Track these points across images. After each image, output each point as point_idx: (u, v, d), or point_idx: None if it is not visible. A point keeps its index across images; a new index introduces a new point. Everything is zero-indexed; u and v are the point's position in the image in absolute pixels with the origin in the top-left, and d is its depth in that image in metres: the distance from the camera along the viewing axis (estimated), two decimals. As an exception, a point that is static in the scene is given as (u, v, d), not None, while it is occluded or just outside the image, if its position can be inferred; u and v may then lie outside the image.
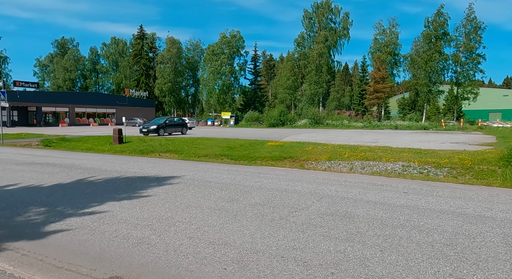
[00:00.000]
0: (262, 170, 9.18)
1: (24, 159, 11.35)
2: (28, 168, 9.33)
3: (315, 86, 53.51)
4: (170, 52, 67.38)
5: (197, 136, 23.23)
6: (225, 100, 65.95)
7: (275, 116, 48.20)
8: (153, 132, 23.53)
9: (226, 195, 5.96)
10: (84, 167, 9.58)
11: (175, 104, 70.03)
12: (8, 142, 19.39)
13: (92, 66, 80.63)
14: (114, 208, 5.37)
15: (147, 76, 70.05)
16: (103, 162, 10.81)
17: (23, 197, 6.15)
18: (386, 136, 24.21)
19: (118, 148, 16.98)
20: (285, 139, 21.20)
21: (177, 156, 14.23)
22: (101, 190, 6.61)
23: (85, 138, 22.39)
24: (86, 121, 50.32)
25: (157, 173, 8.44)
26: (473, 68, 46.57)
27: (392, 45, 52.46)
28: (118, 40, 78.04)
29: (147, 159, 12.39)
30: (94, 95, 56.26)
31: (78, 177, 7.96)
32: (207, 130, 36.11)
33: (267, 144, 16.48)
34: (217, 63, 64.35)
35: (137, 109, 57.31)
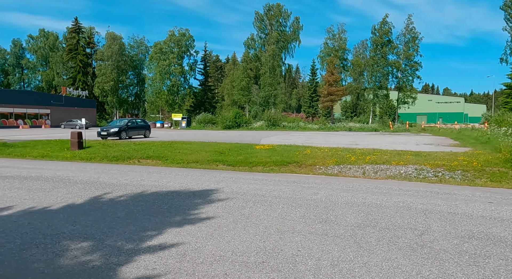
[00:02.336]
0: (293, 178, 8.32)
1: (-22, 172, 8.90)
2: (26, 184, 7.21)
3: (269, 87, 53.74)
4: (111, 49, 62.13)
5: (165, 140, 21.29)
6: (174, 101, 62.96)
7: (230, 118, 47.26)
8: (113, 135, 20.97)
9: (308, 214, 5.00)
10: (74, 180, 7.73)
11: (118, 105, 64.83)
12: None
13: (15, 60, 70.86)
14: (185, 238, 4.11)
15: (84, 74, 63.74)
16: (88, 172, 8.93)
17: (38, 227, 4.48)
18: (358, 138, 24.91)
19: (82, 154, 14.64)
20: (264, 142, 20.49)
21: (162, 163, 12.64)
22: (139, 212, 5.17)
23: (30, 143, 19.06)
24: (14, 123, 43.73)
25: (181, 186, 7.07)
26: (412, 74, 51.04)
27: (341, 50, 55.14)
28: (48, 33, 69.81)
29: (132, 167, 10.67)
30: (23, 93, 49.24)
31: (87, 194, 6.27)
32: (163, 133, 33.71)
33: (256, 147, 15.59)
34: (165, 62, 61.14)
35: (76, 110, 51.62)
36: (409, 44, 50.90)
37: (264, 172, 10.43)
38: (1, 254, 3.72)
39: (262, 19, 59.54)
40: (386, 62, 50.68)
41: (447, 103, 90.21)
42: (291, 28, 60.32)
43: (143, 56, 68.68)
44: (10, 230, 4.43)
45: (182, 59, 63.17)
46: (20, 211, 5.24)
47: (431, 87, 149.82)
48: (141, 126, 23.58)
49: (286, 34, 59.61)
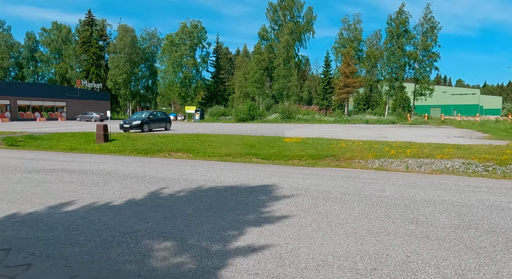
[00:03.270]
0: (343, 173, 7.99)
1: (22, 164, 8.76)
2: (49, 177, 7.03)
3: (283, 79, 53.09)
4: (123, 41, 61.95)
5: (186, 132, 21.07)
6: (186, 94, 62.79)
7: (244, 110, 46.88)
8: (136, 128, 20.82)
9: (392, 213, 4.65)
10: (120, 174, 7.52)
11: (130, 97, 64.92)
12: (-40, 142, 15.62)
13: (29, 53, 71.27)
14: (271, 239, 3.84)
15: (97, 66, 63.80)
16: (129, 166, 8.72)
17: (110, 224, 4.26)
18: (382, 131, 24.40)
19: (111, 147, 14.50)
20: (288, 135, 20.16)
21: (193, 156, 12.41)
22: (206, 209, 4.91)
23: (55, 135, 19.03)
24: (32, 115, 44.10)
25: (234, 181, 6.81)
26: (429, 65, 49.79)
27: (356, 41, 54.04)
28: (61, 25, 69.88)
29: (167, 160, 10.45)
30: (40, 86, 49.52)
31: (142, 189, 6.04)
32: (179, 126, 33.53)
33: (285, 140, 15.26)
34: (177, 54, 60.82)
35: (90, 103, 51.82)
36: (427, 34, 49.56)
37: (302, 166, 10.12)
38: (87, 253, 3.50)
39: (275, 10, 58.55)
40: (403, 53, 49.49)
41: (462, 95, 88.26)
42: (305, 18, 59.27)
43: (155, 48, 68.39)
44: (84, 227, 4.21)
45: (194, 51, 62.76)
46: (84, 206, 5.03)
47: (443, 79, 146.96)
48: (162, 118, 23.41)
49: (300, 25, 58.62)
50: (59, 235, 4.00)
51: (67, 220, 4.50)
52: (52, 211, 4.84)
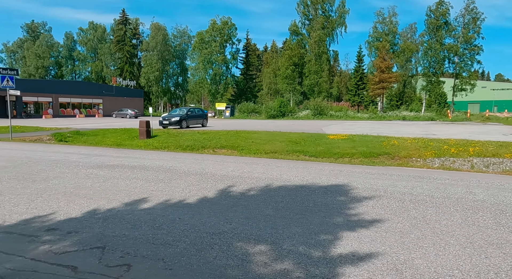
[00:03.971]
0: (412, 173, 7.47)
1: (81, 159, 8.93)
2: (113, 173, 7.06)
3: (314, 75, 52.14)
4: (155, 39, 63.24)
5: (221, 129, 21.07)
6: (216, 91, 63.25)
7: (274, 107, 46.47)
8: (174, 124, 21.07)
9: (504, 221, 4.18)
10: (181, 170, 7.43)
11: (162, 94, 66.28)
12: (16, 137, 16.39)
13: (67, 53, 74.47)
14: (374, 246, 3.50)
15: (131, 64, 65.61)
16: (183, 162, 8.65)
17: (193, 224, 4.09)
18: (426, 128, 23.30)
19: (155, 143, 14.66)
20: (327, 131, 19.65)
21: (237, 153, 12.24)
22: (285, 209, 4.64)
23: (99, 131, 19.61)
24: (71, 112, 46.05)
25: (300, 179, 6.51)
26: (471, 59, 47.04)
27: (391, 34, 52.04)
28: (97, 25, 72.44)
29: (216, 157, 10.30)
30: (79, 84, 51.57)
31: (210, 186, 5.88)
32: (212, 122, 33.70)
33: (329, 137, 14.81)
34: (207, 51, 61.33)
35: (125, 100, 53.38)
36: (468, 26, 46.80)
37: (355, 164, 9.68)
38: (182, 255, 3.33)
39: (306, 4, 57.48)
40: (442, 46, 47.04)
41: (503, 90, 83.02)
42: (337, 12, 57.78)
43: (186, 46, 69.33)
44: (167, 226, 4.07)
45: (224, 48, 63.04)
46: (158, 204, 4.92)
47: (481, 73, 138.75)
48: (199, 115, 23.55)
49: (332, 19, 57.23)
50: (146, 234, 3.87)
51: (148, 218, 4.38)
52: (130, 209, 4.76)
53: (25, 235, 3.90)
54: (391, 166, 8.71)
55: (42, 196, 5.36)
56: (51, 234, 3.90)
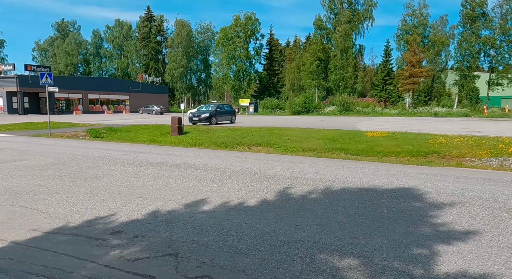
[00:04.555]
0: (479, 175, 6.90)
1: (124, 156, 8.89)
2: (161, 171, 6.90)
3: (340, 71, 50.95)
4: (180, 36, 63.77)
5: (251, 125, 20.80)
6: (240, 87, 63.13)
7: (299, 103, 45.80)
8: (204, 121, 20.99)
9: None
10: (229, 169, 7.19)
11: (186, 91, 66.89)
12: (53, 133, 16.76)
13: (95, 50, 76.46)
14: (483, 265, 3.06)
15: (156, 61, 66.53)
16: (227, 160, 8.42)
17: (263, 230, 3.78)
18: (465, 124, 22.19)
19: (188, 140, 14.52)
20: (361, 128, 19.03)
21: (274, 150, 11.91)
22: (359, 216, 4.27)
23: (131, 127, 19.83)
24: (100, 108, 47.21)
25: (360, 181, 6.10)
26: (509, 51, 44.49)
27: (421, 27, 49.99)
28: (123, 22, 73.87)
29: (257, 155, 10.03)
30: (107, 81, 52.79)
31: (266, 188, 5.59)
32: (239, 118, 33.58)
33: (368, 135, 14.23)
34: (231, 47, 61.20)
35: (150, 96, 54.24)
36: (507, 17, 44.22)
37: (402, 163, 9.14)
38: (263, 267, 3.04)
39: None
40: (478, 39, 44.69)
41: (541, 85, 78.14)
42: (364, 5, 56.10)
43: (209, 42, 69.54)
44: (236, 232, 3.80)
45: (248, 43, 62.70)
46: (218, 206, 4.67)
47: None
48: (228, 111, 23.40)
49: (358, 13, 55.63)
50: (216, 240, 3.62)
51: (212, 222, 4.13)
52: (190, 211, 4.54)
53: (92, 238, 3.74)
54: (449, 167, 8.12)
55: (98, 195, 5.24)
56: (117, 238, 3.72)
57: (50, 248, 3.49)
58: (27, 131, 17.99)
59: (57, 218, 4.33)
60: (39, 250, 3.43)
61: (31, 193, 5.34)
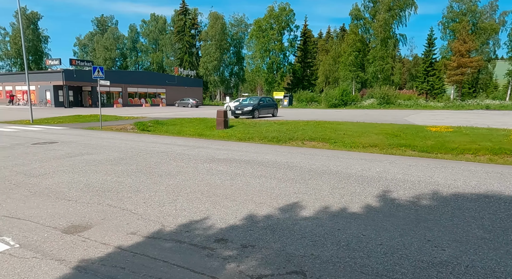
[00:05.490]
0: None
1: (186, 152, 8.66)
2: (233, 168, 6.54)
3: (380, 62, 48.76)
4: (214, 29, 63.82)
5: (294, 119, 20.19)
6: (273, 79, 62.36)
7: (336, 95, 44.41)
8: (247, 114, 20.65)
9: None
10: (304, 167, 6.71)
11: (220, 84, 67.09)
12: (103, 126, 17.07)
13: (131, 44, 78.46)
14: None
15: (190, 54, 67.12)
16: (292, 157, 7.94)
17: (390, 245, 3.24)
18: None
19: (237, 134, 14.17)
20: (418, 122, 17.89)
21: (330, 146, 11.27)
22: (504, 231, 3.64)
23: (175, 121, 19.88)
24: (138, 101, 48.37)
25: (465, 184, 5.40)
26: None
27: (470, 14, 46.58)
28: (158, 17, 75.09)
29: (319, 151, 9.46)
30: (144, 74, 53.89)
31: (359, 190, 5.04)
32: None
33: (431, 129, 13.22)
34: (264, 39, 60.39)
35: (186, 89, 54.81)
36: None
37: (481, 162, 8.19)
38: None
39: (371, -15, 53.62)
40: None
41: None
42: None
43: (242, 34, 69.10)
44: (359, 246, 3.29)
45: (282, 35, 61.58)
46: (318, 211, 4.19)
47: None
48: (270, 104, 22.90)
49: (399, 0, 52.78)
50: (340, 256, 3.13)
51: (322, 231, 3.66)
52: (289, 216, 4.09)
53: (197, 245, 3.38)
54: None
55: (181, 195, 4.93)
56: (225, 247, 3.34)
57: (158, 256, 3.17)
58: (77, 124, 18.49)
59: (150, 220, 4.04)
60: (148, 259, 3.12)
61: (113, 191, 5.13)
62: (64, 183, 5.55)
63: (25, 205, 4.50)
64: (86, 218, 4.09)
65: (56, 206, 4.46)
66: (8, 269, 2.93)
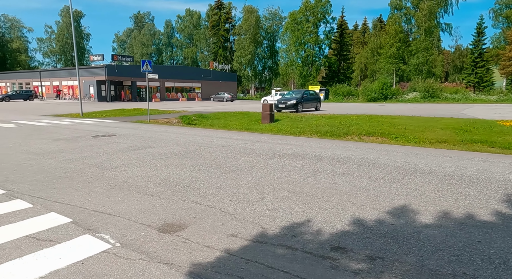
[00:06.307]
0: None
1: (245, 145, 8.32)
2: (307, 164, 6.08)
3: (423, 53, 46.12)
4: (248, 22, 63.32)
5: (339, 113, 19.36)
6: (308, 73, 61.03)
7: (375, 89, 42.59)
8: (290, 108, 20.07)
9: None
10: (389, 165, 6.12)
11: (253, 78, 66.74)
12: (150, 119, 17.23)
13: (167, 40, 79.98)
14: None
15: (224, 49, 67.19)
16: (365, 153, 7.34)
17: None
18: None
19: (286, 128, 13.64)
20: (475, 115, 16.50)
21: (390, 141, 10.49)
22: None
23: (218, 114, 19.74)
24: (175, 96, 49.17)
25: None
26: None
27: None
28: (193, 12, 75.85)
29: (378, 146, 8.75)
30: (180, 69, 54.70)
31: (479, 195, 4.41)
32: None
33: (504, 124, 12.02)
34: (299, 32, 59.10)
35: (220, 83, 55.02)
36: None
37: None
38: None
39: (414, -28, 50.67)
40: None
41: None
42: (452, -22, 49.72)
43: (276, 27, 68.13)
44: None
45: (318, 27, 59.96)
46: (438, 217, 3.61)
47: None
48: (314, 98, 22.17)
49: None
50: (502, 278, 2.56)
51: (459, 243, 3.09)
52: (406, 222, 3.55)
53: (313, 254, 2.94)
54: None
55: (266, 193, 4.53)
56: (348, 258, 2.87)
57: (274, 265, 2.76)
58: (123, 118, 18.81)
59: (245, 220, 3.66)
60: (265, 268, 2.72)
61: (192, 186, 4.83)
62: (139, 176, 5.34)
63: (110, 199, 4.29)
64: (176, 216, 3.78)
65: (141, 202, 4.21)
66: (119, 272, 2.65)
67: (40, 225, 3.50)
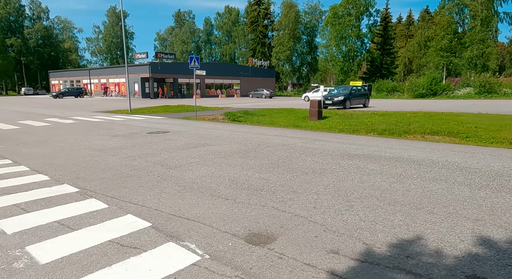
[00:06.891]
0: None
1: (304, 144, 7.81)
2: (379, 166, 5.48)
3: (479, 45, 42.63)
4: (287, 18, 62.31)
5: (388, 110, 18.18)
6: (349, 68, 58.99)
7: (423, 84, 40.03)
8: (338, 104, 19.21)
9: None
10: (480, 168, 5.34)
11: (292, 74, 65.76)
12: (196, 116, 17.24)
13: (206, 37, 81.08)
14: None
15: (263, 45, 66.76)
16: (439, 154, 6.54)
17: None
18: None
19: (337, 125, 12.92)
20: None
21: (460, 141, 9.45)
22: None
23: (263, 111, 19.39)
24: (215, 92, 49.63)
25: None
26: None
27: None
28: (232, 8, 76.17)
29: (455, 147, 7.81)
30: (220, 66, 55.16)
31: None
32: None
33: None
34: (340, 26, 57.17)
35: (259, 80, 54.72)
36: None
37: None
38: None
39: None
40: None
41: None
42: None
43: (316, 22, 66.49)
44: None
45: (360, 21, 57.67)
46: None
47: None
48: (362, 94, 21.11)
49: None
50: None
51: None
52: (548, 245, 2.86)
53: (445, 284, 2.38)
54: None
55: (352, 200, 4.00)
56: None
57: (402, 297, 2.25)
58: (169, 114, 19.00)
59: (340, 233, 3.17)
60: (392, 301, 2.21)
61: (266, 190, 4.43)
62: (206, 177, 5.04)
63: (184, 202, 3.99)
64: (260, 224, 3.38)
65: (218, 206, 3.86)
66: (219, 296, 2.28)
67: (121, 229, 3.26)
